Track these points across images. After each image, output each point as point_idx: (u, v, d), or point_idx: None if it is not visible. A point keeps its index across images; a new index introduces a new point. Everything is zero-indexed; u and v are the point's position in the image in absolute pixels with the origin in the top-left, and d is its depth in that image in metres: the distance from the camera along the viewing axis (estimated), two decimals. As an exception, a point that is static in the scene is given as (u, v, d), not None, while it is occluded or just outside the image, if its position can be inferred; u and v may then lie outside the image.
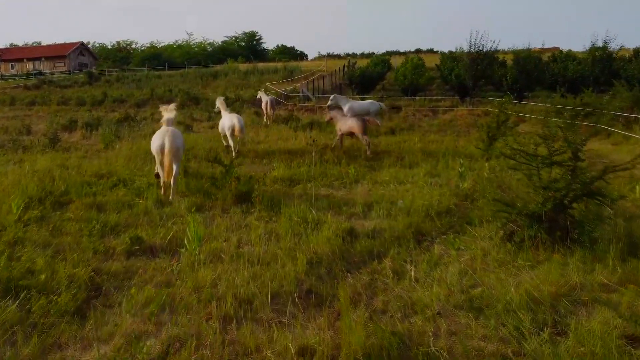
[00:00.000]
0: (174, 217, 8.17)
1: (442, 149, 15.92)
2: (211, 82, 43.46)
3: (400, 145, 16.84)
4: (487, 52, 27.69)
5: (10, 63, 74.54)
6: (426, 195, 9.67)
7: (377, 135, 19.50)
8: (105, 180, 10.78)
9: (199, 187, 9.79)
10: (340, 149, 15.48)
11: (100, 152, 15.84)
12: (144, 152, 14.80)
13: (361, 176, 11.88)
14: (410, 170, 12.74)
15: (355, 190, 10.50)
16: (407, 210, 8.43)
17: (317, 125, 20.60)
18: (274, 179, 11.27)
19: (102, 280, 5.62)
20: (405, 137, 18.94)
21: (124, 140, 18.25)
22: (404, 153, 15.37)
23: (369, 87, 31.63)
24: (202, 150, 15.60)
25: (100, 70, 58.42)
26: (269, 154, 15.20)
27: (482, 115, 25.06)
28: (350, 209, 8.76)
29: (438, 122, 23.65)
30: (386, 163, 13.80)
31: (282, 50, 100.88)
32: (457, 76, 30.14)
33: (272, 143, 17.44)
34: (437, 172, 12.49)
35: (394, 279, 5.61)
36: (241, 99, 30.68)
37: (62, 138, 18.52)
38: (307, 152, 15.37)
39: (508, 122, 14.58)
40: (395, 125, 21.79)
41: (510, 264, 5.98)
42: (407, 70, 28.57)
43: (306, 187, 10.55)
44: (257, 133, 19.59)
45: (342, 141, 15.94)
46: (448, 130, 21.27)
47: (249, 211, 8.56)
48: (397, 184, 11.13)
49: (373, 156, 14.57)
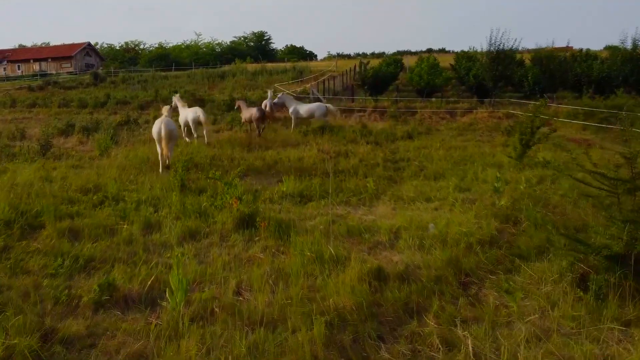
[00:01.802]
0: (162, 248, 6.79)
1: (467, 156, 14.47)
2: (218, 83, 42.16)
3: (420, 151, 15.38)
4: (507, 51, 26.10)
5: (17, 64, 73.73)
6: (460, 217, 8.23)
7: (393, 140, 18.10)
8: (90, 196, 9.43)
9: (196, 207, 8.40)
10: (259, 135, 18.16)
11: (94, 159, 14.54)
12: (141, 160, 13.49)
13: (381, 190, 10.46)
14: (436, 183, 11.30)
15: (377, 209, 9.08)
16: (441, 239, 7.00)
17: (329, 130, 19.18)
18: (283, 194, 9.86)
19: (51, 354, 4.20)
20: (424, 141, 17.49)
21: (122, 145, 16.98)
22: (425, 161, 13.93)
23: (381, 87, 30.16)
24: (204, 158, 14.24)
25: (106, 71, 57.40)
26: (276, 162, 13.82)
27: (504, 118, 23.53)
28: (373, 235, 7.34)
29: (457, 125, 22.14)
30: (407, 173, 12.37)
31: (292, 50, 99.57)
32: (476, 76, 28.57)
33: (280, 149, 16.06)
34: (466, 185, 11.02)
35: (444, 351, 4.18)
36: (248, 101, 29.30)
37: (56, 144, 17.26)
38: (319, 160, 14.02)
39: (542, 127, 13.08)
40: (412, 129, 20.32)
41: (592, 326, 4.53)
42: (423, 70, 27.06)
43: (320, 206, 9.16)
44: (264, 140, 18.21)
45: (251, 128, 18.88)
46: (469, 135, 19.77)
47: (252, 239, 7.16)
48: (423, 200, 9.69)
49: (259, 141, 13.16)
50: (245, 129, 19.32)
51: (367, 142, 17.45)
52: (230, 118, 21.58)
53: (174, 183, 9.83)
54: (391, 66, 34.63)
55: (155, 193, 9.47)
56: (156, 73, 53.00)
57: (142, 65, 70.80)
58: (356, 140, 17.50)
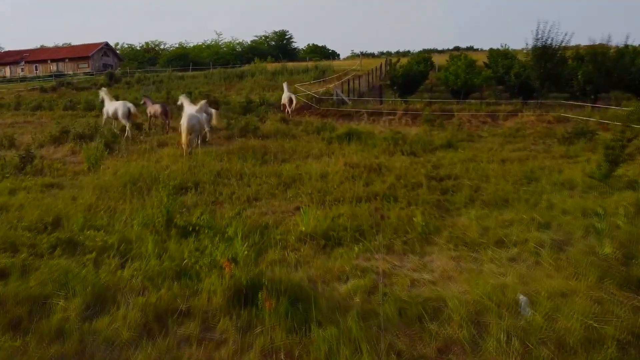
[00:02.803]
0: (105, 351, 4.30)
1: (527, 173, 11.74)
2: (236, 83, 39.88)
3: (469, 166, 12.68)
4: (557, 47, 23.14)
5: (35, 64, 72.66)
6: (559, 281, 5.59)
7: (431, 149, 15.43)
8: (43, 236, 7.03)
9: (179, 261, 5.90)
10: (164, 131, 19.42)
11: (78, 175, 12.24)
12: (131, 177, 11.10)
13: (432, 226, 7.83)
14: (500, 213, 8.64)
15: (433, 261, 6.50)
16: (549, 333, 4.40)
17: (357, 137, 16.59)
18: (301, 235, 7.31)
19: None
20: (468, 152, 14.78)
21: (119, 156, 14.68)
22: (477, 179, 11.27)
23: (412, 88, 27.44)
24: (208, 174, 11.81)
25: (123, 71, 55.66)
26: (295, 180, 11.30)
27: (555, 122, 20.63)
28: (441, 325, 4.72)
29: (502, 131, 19.31)
30: (459, 198, 9.72)
31: (313, 49, 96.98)
32: (518, 75, 25.66)
33: (300, 161, 13.54)
34: (542, 216, 8.32)
35: None
36: (267, 102, 26.91)
37: (44, 154, 15.07)
38: (347, 177, 11.46)
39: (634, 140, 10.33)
40: (452, 136, 17.59)
41: None
42: (460, 68, 24.28)
43: (352, 255, 6.60)
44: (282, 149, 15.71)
45: (156, 124, 20.48)
46: (518, 142, 16.97)
47: (251, 327, 4.64)
48: (492, 244, 7.06)
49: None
50: (153, 124, 20.71)
51: (402, 151, 14.85)
52: (244, 123, 19.14)
53: (156, 217, 7.37)
54: (421, 65, 31.85)
55: (129, 234, 7.02)
56: (172, 73, 50.92)
57: (161, 65, 69.02)
58: (389, 150, 14.89)
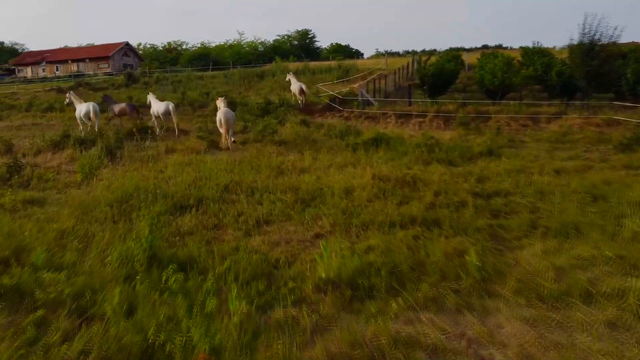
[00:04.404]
0: None
1: (590, 188, 9.83)
2: (256, 84, 38.32)
3: (517, 179, 10.82)
4: (606, 43, 20.91)
5: (55, 65, 72.32)
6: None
7: (470, 157, 13.58)
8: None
9: (149, 331, 4.23)
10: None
11: (69, 187, 10.76)
12: (125, 193, 9.54)
13: (490, 268, 6.01)
14: (572, 246, 6.81)
15: (501, 328, 4.72)
16: None
17: (385, 143, 14.81)
18: (320, 282, 5.58)
19: None
20: (514, 161, 12.86)
21: (121, 164, 13.19)
22: (532, 197, 9.41)
23: (443, 87, 25.45)
24: (214, 188, 10.19)
25: (142, 71, 54.65)
26: (314, 197, 9.59)
27: (605, 126, 18.46)
28: None
29: (547, 135, 17.27)
30: (516, 223, 7.89)
31: (336, 48, 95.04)
32: (560, 74, 23.46)
33: (321, 172, 11.83)
34: (628, 253, 6.46)
35: None
36: (286, 103, 25.25)
37: (38, 162, 13.71)
38: (376, 193, 9.70)
39: None
40: (491, 141, 15.68)
41: None
42: (497, 67, 22.24)
43: (387, 314, 4.87)
44: (301, 154, 14.02)
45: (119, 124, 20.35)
46: (568, 149, 14.99)
47: None
48: (577, 298, 5.24)
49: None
50: (114, 123, 20.65)
51: (436, 159, 13.05)
52: (261, 126, 17.52)
53: (136, 252, 5.74)
54: (451, 63, 29.78)
55: (96, 279, 5.39)
56: (191, 73, 49.64)
57: (182, 65, 68.00)
58: (422, 159, 13.09)
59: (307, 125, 19.44)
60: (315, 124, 20.25)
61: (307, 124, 19.80)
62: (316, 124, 20.05)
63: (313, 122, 20.57)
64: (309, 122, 20.14)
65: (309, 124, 19.75)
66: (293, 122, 19.89)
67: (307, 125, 19.43)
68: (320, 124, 19.94)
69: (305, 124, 19.71)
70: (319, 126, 19.40)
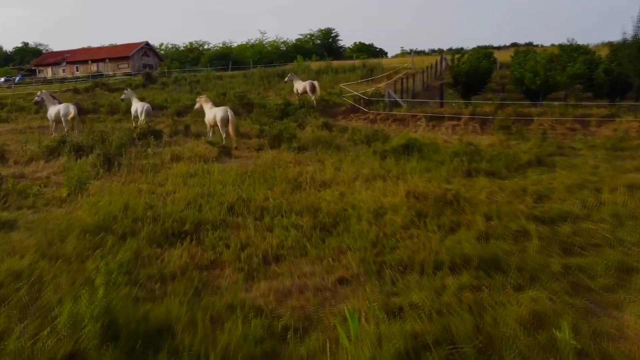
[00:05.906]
0: None
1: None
2: (276, 84, 36.67)
3: (581, 197, 8.87)
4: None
5: (75, 65, 71.91)
6: None
7: (516, 167, 11.67)
8: None
9: None
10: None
11: (51, 205, 9.23)
12: (109, 215, 7.94)
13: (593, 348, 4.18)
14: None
15: None
16: None
17: (418, 150, 12.98)
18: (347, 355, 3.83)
19: None
20: (571, 173, 10.91)
21: (118, 174, 11.66)
22: (608, 224, 7.50)
23: (477, 86, 23.42)
24: (217, 208, 8.53)
25: (161, 71, 53.62)
26: (336, 223, 7.84)
27: (665, 130, 16.29)
28: None
29: (600, 141, 15.17)
30: (601, 268, 5.99)
31: (360, 47, 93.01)
32: (608, 72, 21.26)
33: (344, 187, 10.08)
34: None
35: None
36: (307, 105, 23.56)
37: (27, 172, 12.28)
38: (411, 217, 7.88)
39: None
40: (538, 148, 13.73)
41: None
42: (539, 64, 20.17)
43: None
44: (322, 163, 12.30)
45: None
46: (630, 158, 12.95)
47: None
48: None
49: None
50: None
51: (479, 169, 11.21)
52: (277, 130, 15.85)
53: (88, 322, 4.07)
54: (484, 61, 27.69)
55: None
56: (210, 73, 48.28)
57: (203, 65, 66.92)
58: (462, 170, 11.24)
59: (330, 129, 17.71)
60: (338, 127, 18.51)
61: (330, 127, 18.07)
62: (339, 128, 18.32)
63: (336, 125, 18.83)
64: (331, 126, 18.40)
65: (331, 128, 18.02)
66: (314, 125, 18.16)
67: (329, 129, 17.70)
68: (344, 128, 18.20)
69: (328, 127, 17.97)
70: (343, 130, 17.66)
